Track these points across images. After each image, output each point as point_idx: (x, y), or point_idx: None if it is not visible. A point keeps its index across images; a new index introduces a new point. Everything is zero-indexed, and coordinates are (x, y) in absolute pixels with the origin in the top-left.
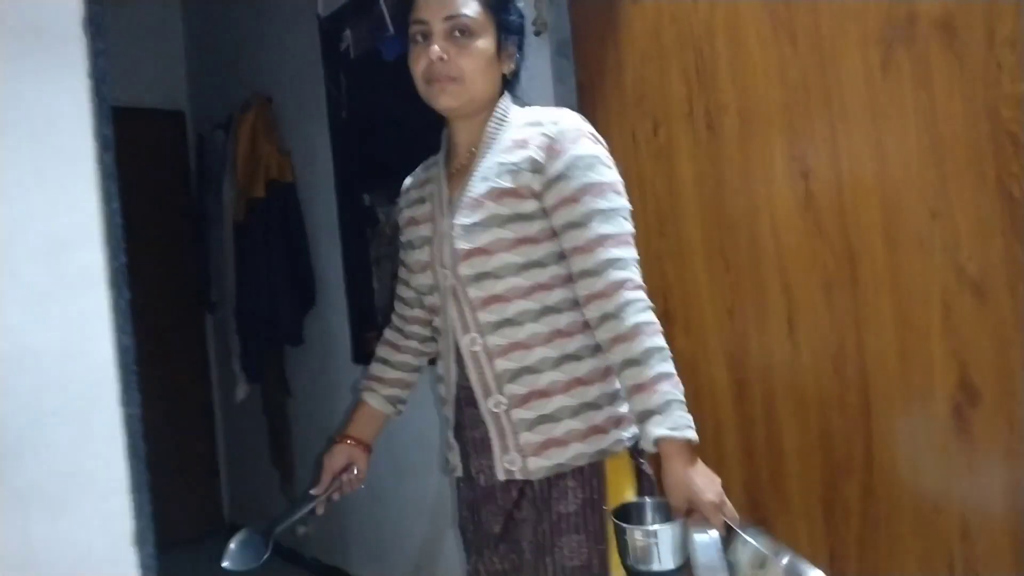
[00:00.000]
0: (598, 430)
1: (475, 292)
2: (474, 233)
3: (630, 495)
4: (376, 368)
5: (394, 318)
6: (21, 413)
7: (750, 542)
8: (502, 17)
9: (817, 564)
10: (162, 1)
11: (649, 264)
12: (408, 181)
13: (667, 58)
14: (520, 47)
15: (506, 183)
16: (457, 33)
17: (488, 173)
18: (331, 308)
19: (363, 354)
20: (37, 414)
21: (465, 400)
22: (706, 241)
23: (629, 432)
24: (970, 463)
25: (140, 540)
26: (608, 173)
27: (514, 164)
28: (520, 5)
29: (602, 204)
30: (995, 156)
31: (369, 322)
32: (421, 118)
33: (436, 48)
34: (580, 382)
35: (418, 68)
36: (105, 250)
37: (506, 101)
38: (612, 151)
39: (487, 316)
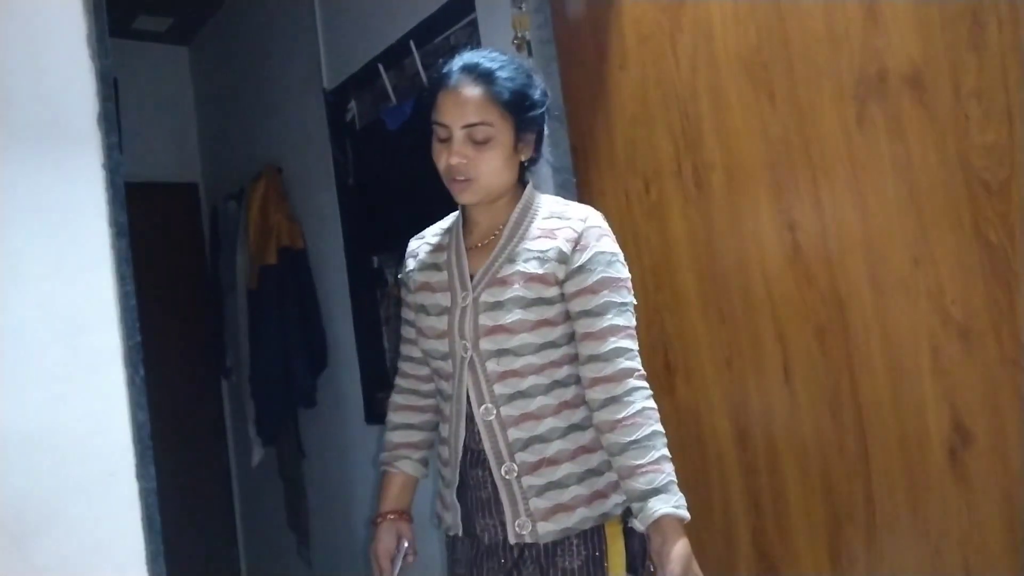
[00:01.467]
0: (600, 495)
1: (493, 366)
2: (498, 311)
3: (622, 554)
4: (401, 435)
5: (404, 381)
6: (42, 490)
7: None
8: (520, 116)
9: None
10: (175, 80)
11: (648, 317)
12: (416, 244)
13: (654, 120)
14: (541, 132)
15: (534, 269)
16: (476, 139)
17: (515, 257)
18: (343, 369)
19: (375, 414)
20: (57, 491)
21: (471, 462)
22: (701, 294)
23: (623, 497)
24: (968, 504)
25: None
26: (624, 271)
27: (542, 252)
28: (539, 91)
29: (617, 298)
30: (970, 203)
31: (381, 382)
32: (425, 183)
33: (455, 155)
34: (585, 450)
35: (439, 165)
36: (121, 330)
37: (531, 190)
38: (606, 210)
39: (502, 388)
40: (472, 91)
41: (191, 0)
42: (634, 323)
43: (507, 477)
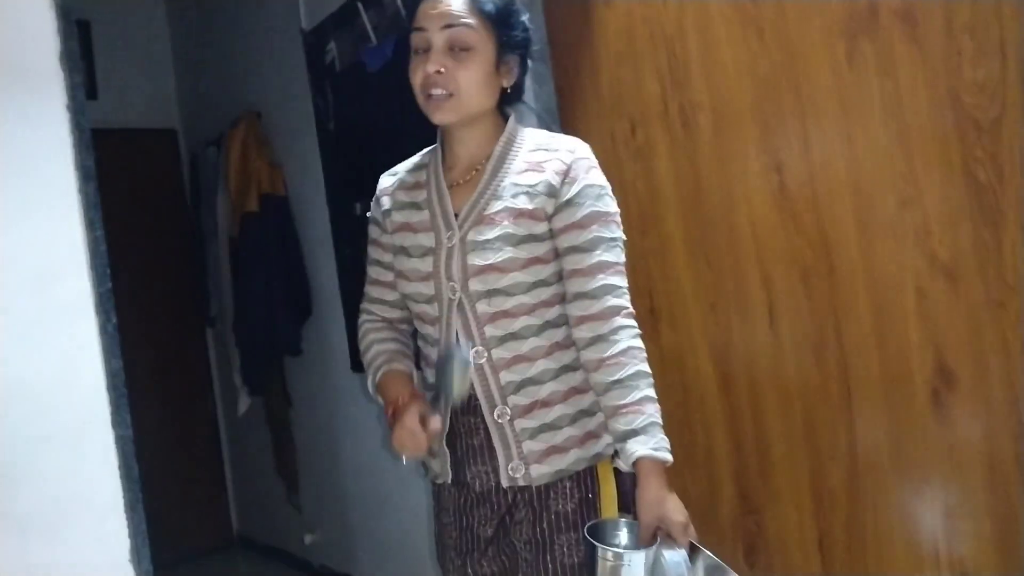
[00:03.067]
0: (592, 436)
1: (483, 307)
2: (488, 250)
3: (613, 495)
4: (387, 346)
5: (374, 322)
6: (14, 441)
7: (712, 557)
8: (503, 31)
9: (807, 551)
10: (149, 23)
11: (634, 262)
12: (389, 181)
13: (641, 59)
14: (524, 62)
15: (523, 204)
16: (456, 47)
17: (503, 193)
18: (328, 317)
19: (361, 362)
20: (30, 441)
21: (462, 408)
22: (687, 238)
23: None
24: (950, 446)
25: (137, 558)
26: (613, 205)
27: (531, 187)
28: (525, 19)
29: (606, 233)
30: (960, 142)
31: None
32: (407, 126)
33: (432, 63)
34: (576, 391)
35: (416, 80)
36: (91, 277)
37: (513, 122)
38: (593, 151)
39: (493, 330)
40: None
41: None
42: (623, 259)
43: (499, 421)
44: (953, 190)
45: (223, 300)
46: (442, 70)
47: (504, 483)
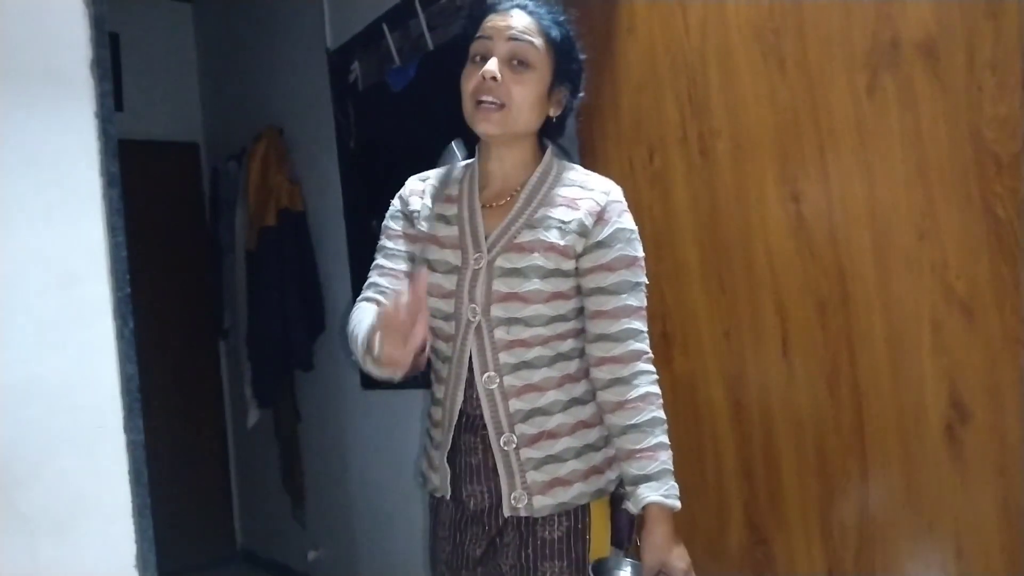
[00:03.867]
0: (596, 471)
1: (502, 334)
2: (515, 278)
3: (606, 529)
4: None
5: (367, 304)
6: (29, 440)
7: None
8: (562, 60)
9: None
10: (177, 39)
11: (649, 287)
12: (419, 185)
13: (661, 86)
14: (572, 97)
15: (555, 239)
16: (515, 61)
17: (536, 223)
18: (340, 334)
19: (372, 380)
20: (45, 441)
21: (465, 426)
22: (702, 264)
23: (616, 473)
24: (963, 481)
25: (143, 563)
26: (640, 249)
27: (564, 223)
28: (581, 54)
29: (632, 277)
30: (979, 177)
31: None
32: (427, 146)
33: (491, 65)
34: (584, 425)
35: (469, 86)
36: (111, 282)
37: (551, 155)
38: (610, 177)
39: (508, 358)
40: (523, 16)
41: None
42: (645, 303)
43: (506, 448)
44: (971, 225)
45: (237, 313)
46: (499, 77)
47: (506, 512)
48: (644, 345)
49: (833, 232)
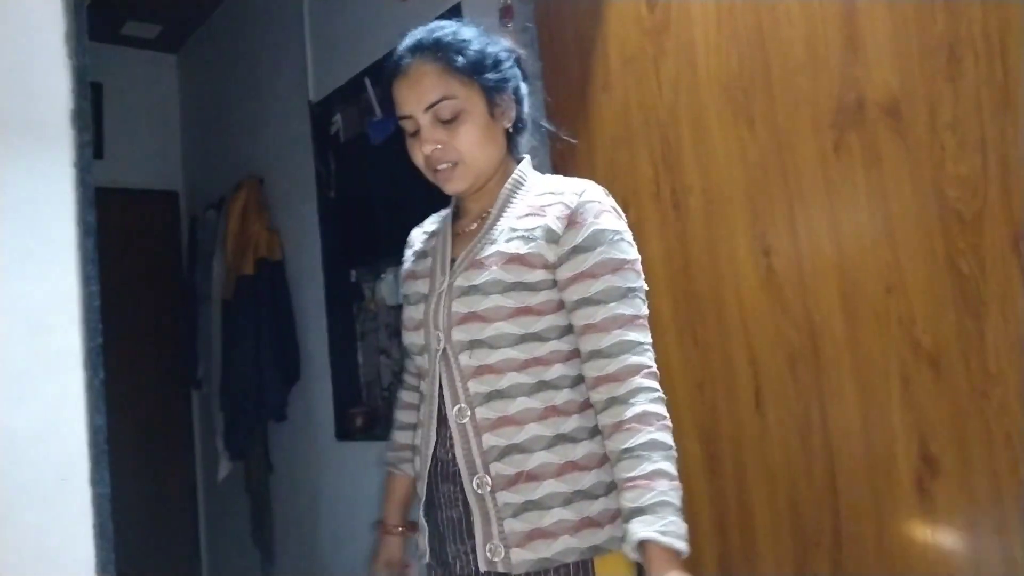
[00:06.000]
0: (592, 523)
1: (466, 360)
2: (472, 296)
3: None
4: (406, 435)
5: (409, 377)
6: None
7: None
8: (483, 79)
9: None
10: (161, 87)
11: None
12: (415, 233)
13: (635, 142)
14: (517, 91)
15: (515, 249)
16: (443, 118)
17: (497, 236)
18: (315, 384)
19: (346, 431)
20: (8, 494)
21: (442, 475)
22: (675, 316)
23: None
24: (934, 535)
25: None
26: (630, 251)
27: (527, 231)
28: (498, 50)
29: (621, 283)
30: (943, 233)
31: (353, 398)
32: (407, 198)
33: (427, 143)
34: (575, 467)
35: (418, 160)
36: (82, 331)
37: (525, 165)
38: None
39: (477, 386)
40: (424, 68)
41: (181, 8)
42: (644, 311)
43: (479, 491)
44: (937, 280)
45: (211, 362)
46: (439, 146)
47: (481, 566)
48: (643, 358)
49: (803, 286)
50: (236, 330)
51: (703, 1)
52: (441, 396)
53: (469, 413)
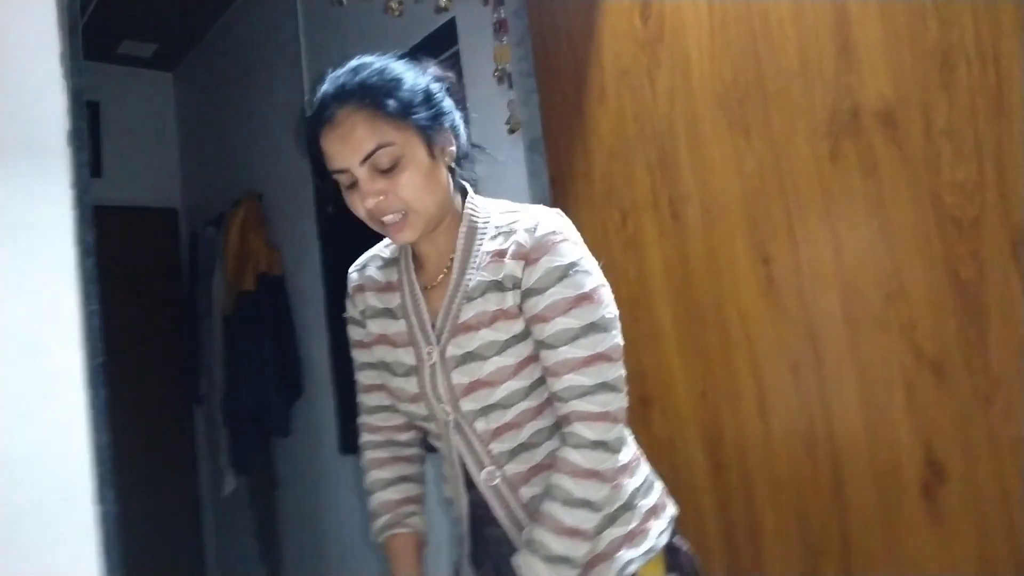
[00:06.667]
0: (640, 531)
1: (483, 426)
2: (471, 364)
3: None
4: (400, 490)
5: (376, 435)
6: None
7: None
8: (417, 119)
9: None
10: (157, 105)
11: (625, 349)
12: (359, 279)
13: (632, 153)
14: (454, 126)
15: (495, 305)
16: (382, 168)
17: (473, 293)
18: (318, 398)
19: (350, 444)
20: (13, 515)
21: (484, 520)
22: (677, 326)
23: (665, 523)
24: (941, 542)
25: None
26: (587, 280)
27: (497, 282)
28: (429, 79)
29: (575, 322)
30: (942, 240)
31: (356, 412)
32: None
33: (368, 196)
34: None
35: (360, 213)
36: (83, 350)
37: (471, 203)
38: (585, 241)
39: (500, 446)
40: (353, 117)
41: (177, 26)
42: (607, 343)
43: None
44: (937, 286)
45: (213, 378)
46: (381, 198)
47: None
48: (590, 405)
49: (803, 294)
50: (238, 346)
51: (696, 12)
52: (462, 460)
53: (499, 474)
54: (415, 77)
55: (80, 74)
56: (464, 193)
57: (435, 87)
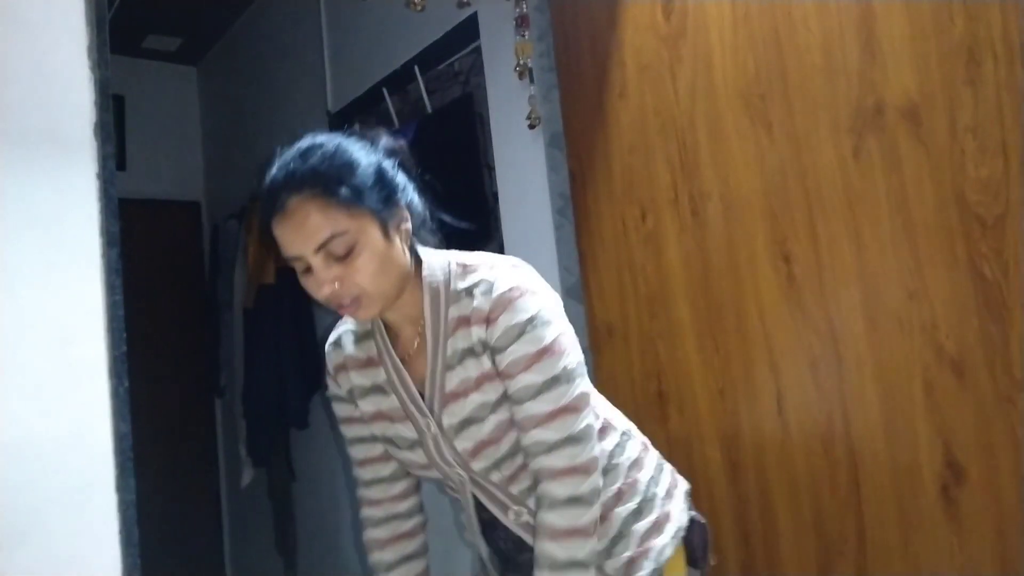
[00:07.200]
0: (656, 530)
1: (497, 476)
2: (470, 428)
3: (681, 567)
4: (405, 570)
5: (377, 510)
6: (18, 502)
7: None
8: (370, 203)
9: None
10: (181, 99)
11: (643, 345)
12: (338, 358)
13: (652, 148)
14: (409, 202)
15: (475, 371)
16: (337, 255)
17: (451, 361)
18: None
19: None
20: (36, 502)
21: (516, 548)
22: (696, 322)
23: (681, 521)
24: (960, 543)
25: None
26: (547, 332)
27: (469, 348)
28: (383, 161)
29: (536, 378)
30: (965, 238)
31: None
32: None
33: (324, 284)
34: (632, 489)
35: (320, 297)
36: (107, 340)
37: (428, 268)
38: (603, 237)
39: (518, 486)
40: (305, 206)
41: (201, 21)
42: (568, 397)
43: None
44: (959, 285)
45: (233, 371)
46: (337, 285)
47: None
48: (557, 460)
49: (823, 292)
50: (258, 338)
51: (719, 7)
52: (481, 506)
53: (525, 511)
54: (366, 157)
55: (106, 67)
56: (418, 256)
57: (387, 165)
